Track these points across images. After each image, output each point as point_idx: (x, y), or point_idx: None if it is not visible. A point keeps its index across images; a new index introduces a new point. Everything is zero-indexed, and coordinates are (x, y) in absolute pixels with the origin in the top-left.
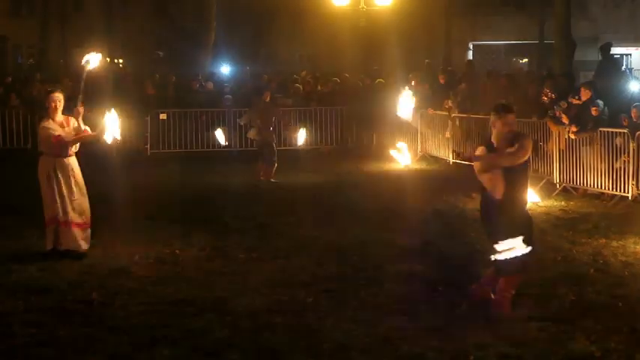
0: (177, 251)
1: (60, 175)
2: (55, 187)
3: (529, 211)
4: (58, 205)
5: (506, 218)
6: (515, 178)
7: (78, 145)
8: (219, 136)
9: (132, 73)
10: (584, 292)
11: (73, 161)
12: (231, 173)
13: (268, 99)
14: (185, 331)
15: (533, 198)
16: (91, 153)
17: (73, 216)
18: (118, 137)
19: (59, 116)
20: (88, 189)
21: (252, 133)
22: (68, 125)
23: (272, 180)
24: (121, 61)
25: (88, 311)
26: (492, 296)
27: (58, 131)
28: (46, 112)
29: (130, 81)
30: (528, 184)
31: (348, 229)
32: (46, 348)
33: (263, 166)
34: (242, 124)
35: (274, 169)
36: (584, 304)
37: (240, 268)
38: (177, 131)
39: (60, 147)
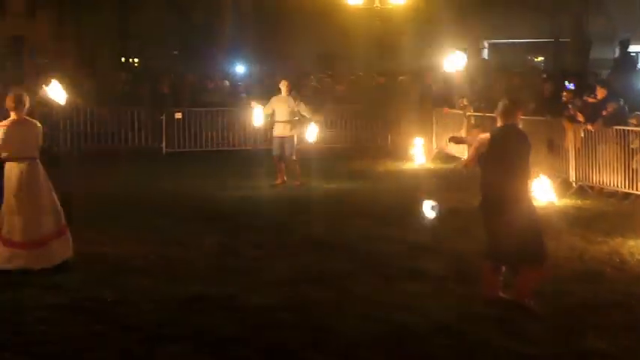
0: (188, 249)
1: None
2: None
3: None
4: None
5: None
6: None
7: None
8: (257, 114)
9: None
10: (600, 290)
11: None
12: (246, 172)
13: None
14: (196, 328)
15: (549, 197)
16: (104, 152)
17: None
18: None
19: None
20: (102, 187)
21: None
22: None
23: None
24: (136, 60)
25: (100, 309)
26: (502, 295)
27: None
28: None
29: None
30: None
31: (360, 227)
32: (57, 345)
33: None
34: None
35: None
36: (599, 302)
37: (251, 265)
38: (192, 130)
39: None
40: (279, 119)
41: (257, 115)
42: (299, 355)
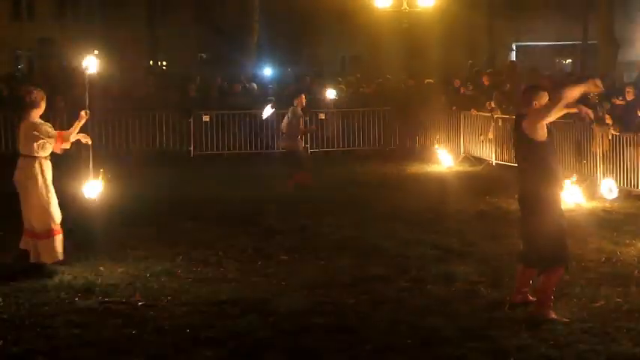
0: (219, 252)
1: None
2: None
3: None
4: None
5: None
6: None
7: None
8: (267, 111)
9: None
10: (629, 293)
11: None
12: (274, 174)
13: (300, 105)
14: (227, 332)
15: (576, 198)
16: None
17: None
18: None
19: None
20: (130, 190)
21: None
22: None
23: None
24: (164, 63)
25: (131, 312)
26: (531, 298)
27: None
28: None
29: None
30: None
31: (389, 230)
32: (89, 348)
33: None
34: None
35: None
36: (628, 305)
37: (282, 269)
38: (220, 133)
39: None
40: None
41: (267, 111)
42: (330, 359)
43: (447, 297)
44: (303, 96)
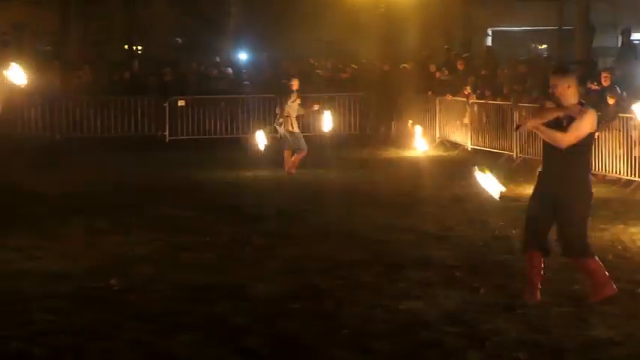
0: (196, 238)
1: None
2: None
3: None
4: None
5: None
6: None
7: None
8: (260, 138)
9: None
10: None
11: None
12: (251, 160)
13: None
14: (204, 318)
15: None
16: (107, 140)
17: None
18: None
19: None
20: (105, 175)
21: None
22: None
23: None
24: (139, 48)
25: (107, 298)
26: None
27: None
28: None
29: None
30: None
31: (366, 215)
32: (66, 334)
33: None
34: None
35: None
36: None
37: (259, 255)
38: (195, 118)
39: None
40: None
41: (327, 120)
42: (309, 344)
43: (424, 281)
44: (295, 80)
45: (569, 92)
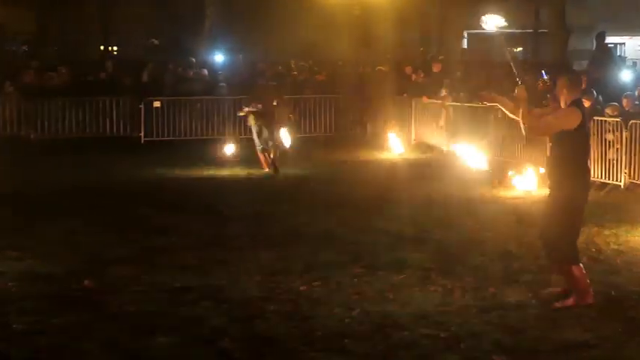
0: (173, 239)
1: None
2: None
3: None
4: None
5: None
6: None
7: None
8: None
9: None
10: None
11: None
12: (227, 161)
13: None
14: (182, 319)
15: (527, 186)
16: (83, 140)
17: None
18: None
19: None
20: (81, 176)
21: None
22: None
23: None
24: (115, 48)
25: (84, 299)
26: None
27: None
28: None
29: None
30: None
31: (342, 217)
32: (43, 336)
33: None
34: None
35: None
36: None
37: (236, 256)
38: (171, 119)
39: None
40: None
41: (285, 137)
42: (286, 346)
43: (400, 283)
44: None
45: (561, 94)
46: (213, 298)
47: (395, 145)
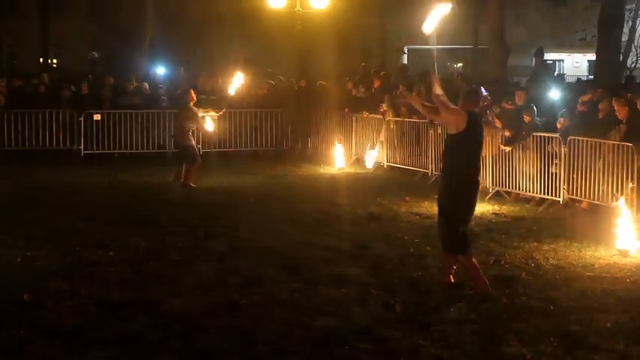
0: (111, 253)
1: None
2: None
3: None
4: None
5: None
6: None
7: None
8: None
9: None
10: (516, 294)
11: None
12: (167, 175)
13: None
14: (119, 334)
15: None
16: (21, 153)
17: None
18: None
19: None
20: (18, 189)
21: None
22: None
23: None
24: (55, 61)
25: (19, 313)
26: (452, 280)
27: None
28: None
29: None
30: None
31: (281, 232)
32: None
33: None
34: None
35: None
36: (516, 306)
37: (175, 270)
38: (111, 132)
39: None
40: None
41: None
42: None
43: (339, 298)
44: (192, 91)
45: (460, 103)
46: (152, 313)
47: (336, 160)
